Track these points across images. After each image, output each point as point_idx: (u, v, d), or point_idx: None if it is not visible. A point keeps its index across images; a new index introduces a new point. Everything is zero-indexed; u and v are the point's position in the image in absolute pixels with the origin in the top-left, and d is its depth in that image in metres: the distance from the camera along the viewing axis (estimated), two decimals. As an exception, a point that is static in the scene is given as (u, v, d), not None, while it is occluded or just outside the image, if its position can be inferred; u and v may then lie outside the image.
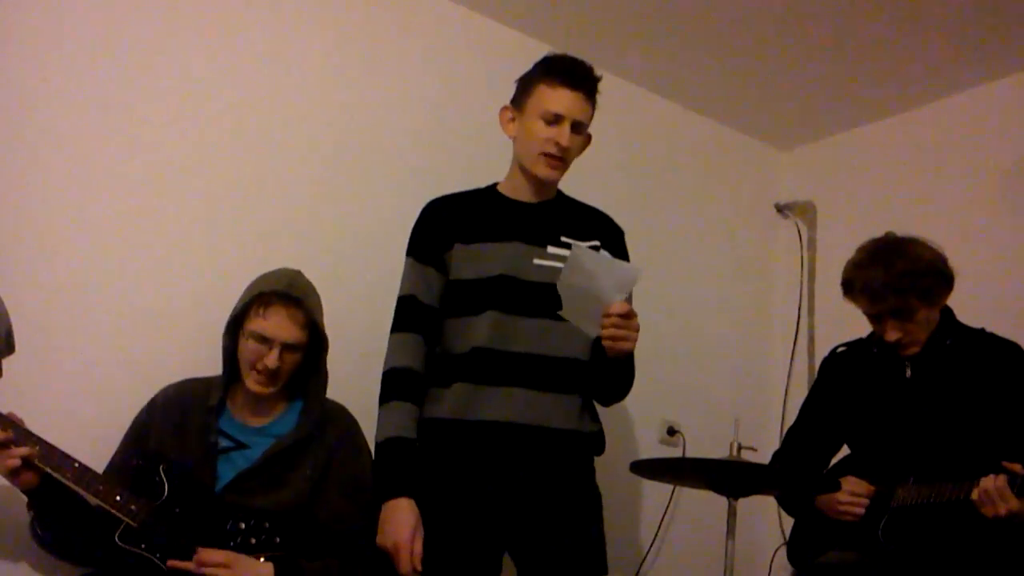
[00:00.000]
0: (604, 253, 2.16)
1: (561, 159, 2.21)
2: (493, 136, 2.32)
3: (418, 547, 2.02)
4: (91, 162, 2.43)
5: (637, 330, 2.06)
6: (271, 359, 2.09)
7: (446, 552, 2.08)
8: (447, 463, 2.15)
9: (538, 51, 3.16)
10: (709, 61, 3.34)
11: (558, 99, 2.17)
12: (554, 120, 2.17)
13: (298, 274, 2.21)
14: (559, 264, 2.15)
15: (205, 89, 2.62)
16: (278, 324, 2.09)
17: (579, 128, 2.20)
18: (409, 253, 2.29)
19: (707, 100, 3.60)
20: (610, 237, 2.32)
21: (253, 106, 2.70)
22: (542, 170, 2.22)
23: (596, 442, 2.25)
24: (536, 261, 2.20)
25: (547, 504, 2.13)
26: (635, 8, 3.07)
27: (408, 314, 2.23)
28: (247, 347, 2.12)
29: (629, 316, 2.04)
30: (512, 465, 2.13)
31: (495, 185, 2.35)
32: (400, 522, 2.04)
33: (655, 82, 3.49)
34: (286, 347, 2.11)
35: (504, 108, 2.28)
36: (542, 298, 2.14)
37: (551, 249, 2.22)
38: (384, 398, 2.18)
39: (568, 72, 2.19)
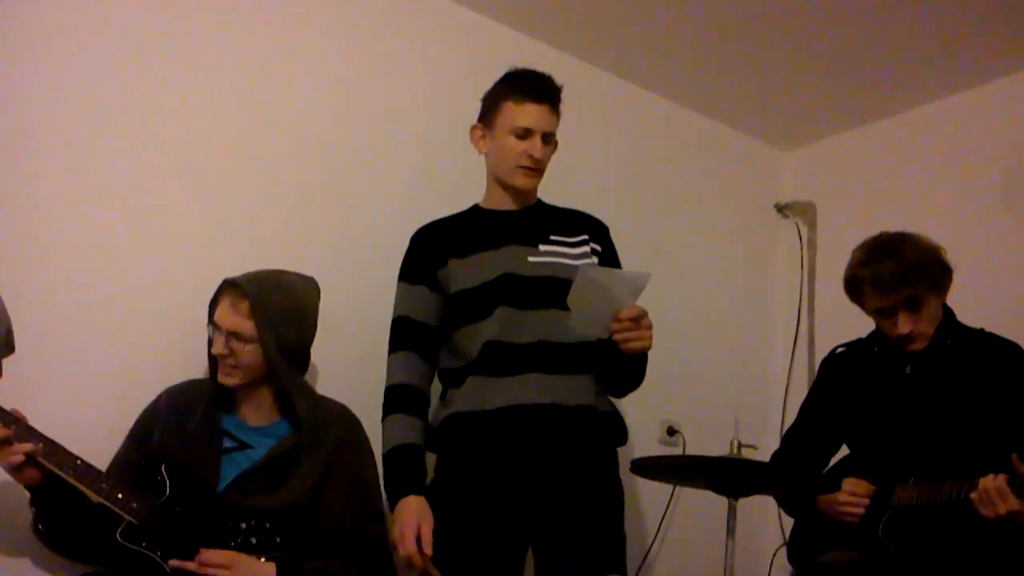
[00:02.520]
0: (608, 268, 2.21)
1: (536, 169, 2.30)
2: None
3: (425, 532, 2.05)
4: (91, 162, 2.43)
5: (650, 328, 2.11)
6: (216, 345, 2.14)
7: (471, 548, 2.10)
8: (468, 456, 2.17)
9: (537, 51, 3.21)
10: (709, 61, 3.34)
11: (526, 114, 2.27)
12: (525, 134, 2.26)
13: (279, 274, 2.25)
14: (554, 259, 2.26)
15: (203, 89, 2.62)
16: (221, 311, 2.15)
17: (548, 139, 2.30)
18: (401, 278, 2.34)
19: (707, 100, 3.60)
20: (596, 233, 2.40)
21: (251, 107, 2.69)
22: (519, 180, 2.30)
23: (615, 426, 2.27)
24: (531, 259, 2.26)
25: (571, 495, 2.14)
26: (635, 8, 3.07)
27: (402, 334, 2.28)
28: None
29: (640, 318, 2.08)
30: (533, 447, 2.15)
31: (476, 205, 2.41)
32: (407, 513, 2.07)
33: (655, 82, 3.49)
34: (232, 335, 2.13)
35: (474, 127, 2.38)
36: (544, 291, 2.21)
37: (543, 247, 2.29)
38: (385, 413, 2.23)
39: (532, 87, 2.29)
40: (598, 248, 2.36)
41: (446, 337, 2.29)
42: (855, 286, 2.40)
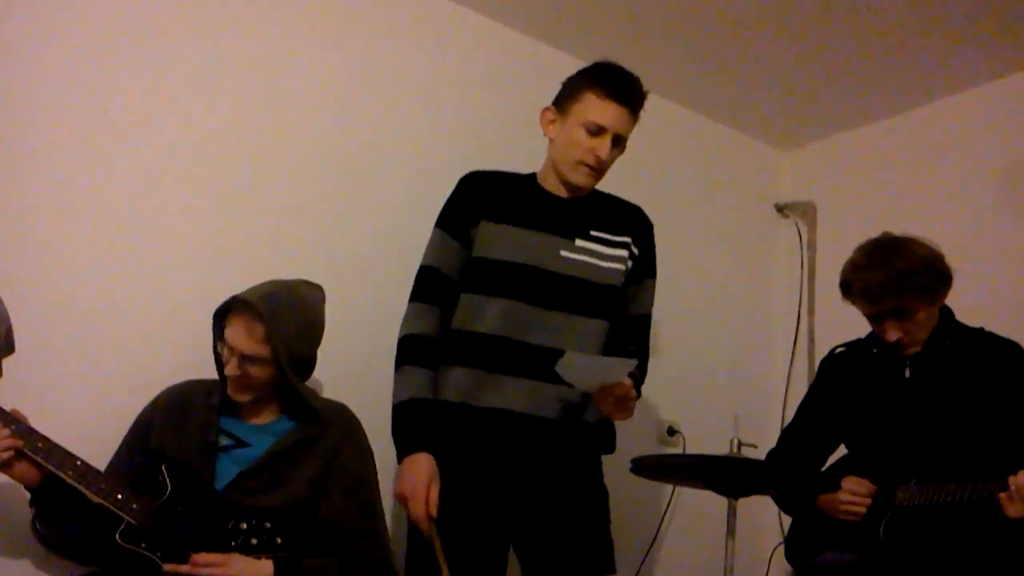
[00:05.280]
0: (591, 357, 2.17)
1: (597, 170, 2.23)
2: (493, 135, 2.33)
3: (433, 494, 2.03)
4: (90, 162, 2.43)
5: (635, 401, 2.10)
6: (231, 366, 2.10)
7: (453, 546, 2.07)
8: (453, 450, 2.13)
9: (538, 51, 3.21)
10: (709, 61, 3.34)
11: (605, 112, 2.18)
12: (597, 132, 2.18)
13: (290, 288, 2.18)
14: (586, 259, 2.21)
15: (205, 89, 2.62)
16: (236, 334, 2.09)
17: (619, 142, 2.22)
18: (439, 224, 2.28)
19: (707, 100, 3.60)
20: (640, 234, 2.35)
21: (254, 106, 2.69)
22: (578, 178, 2.23)
23: (605, 436, 2.26)
24: (563, 252, 2.22)
25: (554, 501, 2.13)
26: (634, 8, 3.07)
27: (430, 285, 2.23)
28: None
29: (628, 395, 2.07)
30: (517, 456, 2.13)
31: (533, 175, 2.35)
32: (416, 471, 2.05)
33: (655, 82, 3.45)
34: (245, 358, 2.09)
35: (546, 109, 2.28)
36: (563, 290, 2.18)
37: (580, 242, 2.24)
38: (400, 363, 2.18)
39: (618, 86, 2.20)
40: (636, 252, 2.31)
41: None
42: (847, 290, 2.41)
